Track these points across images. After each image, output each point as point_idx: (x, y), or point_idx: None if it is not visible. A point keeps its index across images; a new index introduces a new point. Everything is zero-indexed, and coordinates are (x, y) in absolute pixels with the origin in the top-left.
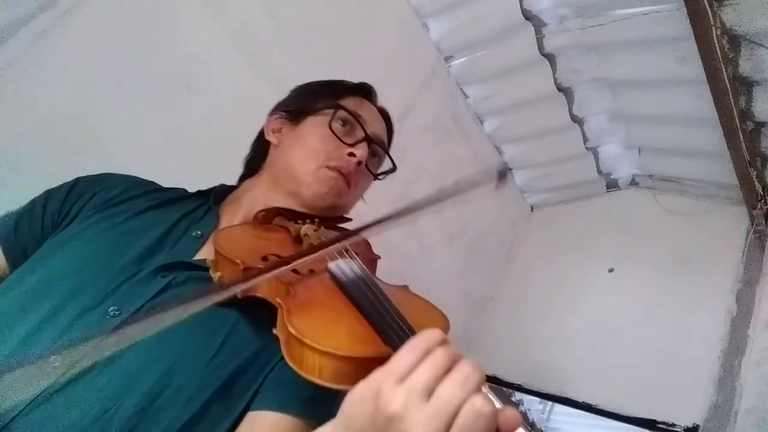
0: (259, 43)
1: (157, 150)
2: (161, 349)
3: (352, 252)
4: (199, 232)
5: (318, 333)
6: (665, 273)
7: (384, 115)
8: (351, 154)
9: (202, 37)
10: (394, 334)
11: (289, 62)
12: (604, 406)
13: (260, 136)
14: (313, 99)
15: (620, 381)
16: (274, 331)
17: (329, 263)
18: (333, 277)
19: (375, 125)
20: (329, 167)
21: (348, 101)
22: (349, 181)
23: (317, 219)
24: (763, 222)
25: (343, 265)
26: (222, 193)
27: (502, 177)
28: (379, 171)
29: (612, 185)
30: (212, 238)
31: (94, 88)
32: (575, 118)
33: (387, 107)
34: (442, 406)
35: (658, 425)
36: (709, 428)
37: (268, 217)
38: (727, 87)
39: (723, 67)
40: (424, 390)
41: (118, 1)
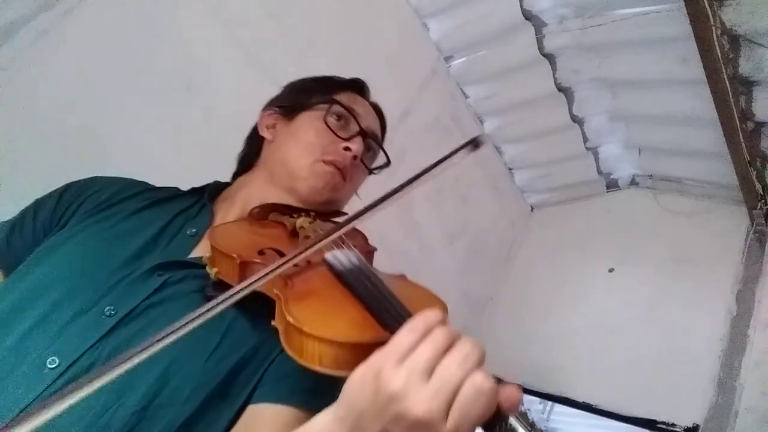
0: (259, 43)
1: (157, 150)
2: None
3: (348, 243)
4: (194, 230)
5: (316, 321)
6: (665, 273)
7: (377, 110)
8: (346, 149)
9: (202, 37)
10: (392, 318)
11: (289, 62)
12: (604, 406)
13: (254, 132)
14: (306, 94)
15: (620, 381)
16: (273, 323)
17: (326, 254)
18: (330, 267)
19: (369, 120)
20: (325, 161)
21: (342, 96)
22: (344, 175)
23: (312, 212)
24: (763, 222)
25: (340, 255)
26: (216, 190)
27: (476, 145)
28: (374, 165)
29: (612, 185)
30: (208, 234)
31: (94, 88)
32: (575, 118)
33: (387, 107)
34: (442, 384)
35: (658, 425)
36: (709, 428)
37: (264, 213)
38: (727, 87)
39: (723, 67)
40: (424, 369)
41: (119, 1)
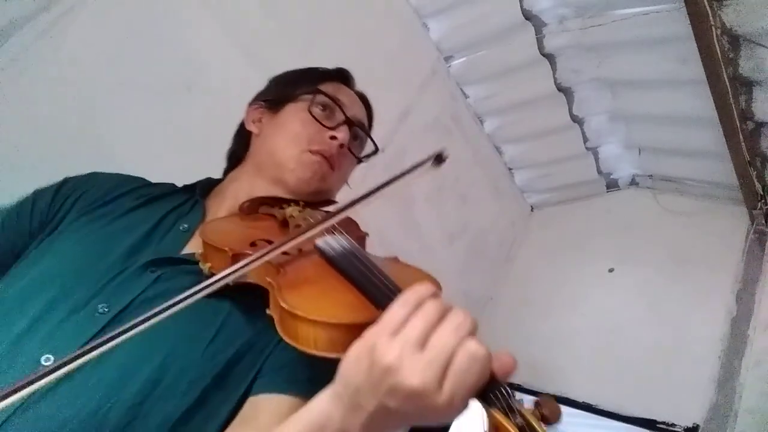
0: (259, 43)
1: (157, 150)
2: (155, 342)
3: (339, 229)
4: (186, 226)
5: (309, 305)
6: (665, 273)
7: (363, 98)
8: (333, 137)
9: (202, 37)
10: (385, 297)
11: (290, 62)
12: (604, 406)
13: (241, 127)
14: (291, 87)
15: (620, 381)
16: (268, 312)
17: (317, 240)
18: (321, 252)
19: (354, 108)
20: (312, 151)
21: (326, 86)
22: (332, 164)
23: (302, 202)
24: (763, 222)
25: (331, 240)
26: (208, 187)
27: (438, 160)
28: (362, 154)
29: (612, 185)
30: (199, 230)
31: (94, 88)
32: (575, 118)
33: (387, 107)
34: (435, 354)
35: (658, 425)
36: (709, 428)
37: (254, 207)
38: (727, 87)
39: (723, 67)
40: (417, 340)
41: (118, 1)
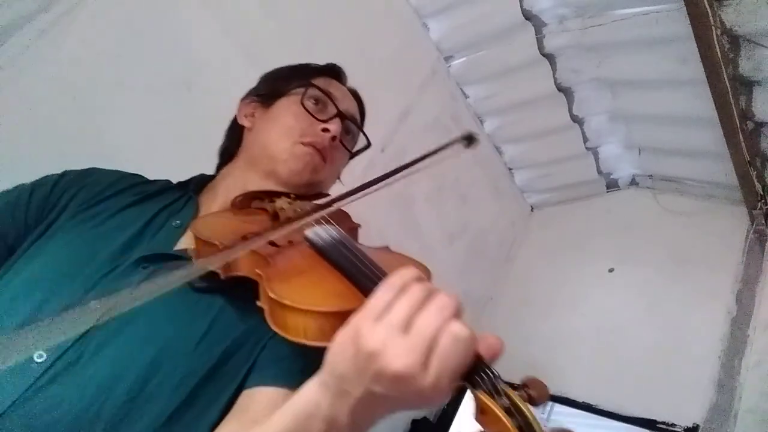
0: (259, 43)
1: (157, 150)
2: (148, 338)
3: (329, 219)
4: (179, 222)
5: (297, 294)
6: (665, 273)
7: (354, 94)
8: (325, 130)
9: (202, 37)
10: (373, 285)
11: (289, 62)
12: (604, 406)
13: (233, 123)
14: (284, 82)
15: (620, 381)
16: (259, 303)
17: (306, 231)
18: (311, 243)
19: (346, 102)
20: (304, 143)
21: (318, 81)
22: (324, 156)
23: (293, 194)
24: (763, 222)
25: (320, 231)
26: (201, 183)
27: (470, 141)
28: (355, 149)
29: (612, 185)
30: (191, 226)
31: (94, 88)
32: (575, 118)
33: (387, 107)
34: (419, 337)
35: (658, 425)
36: (709, 428)
37: (246, 202)
38: (727, 87)
39: (723, 67)
40: (401, 324)
41: (118, 1)
